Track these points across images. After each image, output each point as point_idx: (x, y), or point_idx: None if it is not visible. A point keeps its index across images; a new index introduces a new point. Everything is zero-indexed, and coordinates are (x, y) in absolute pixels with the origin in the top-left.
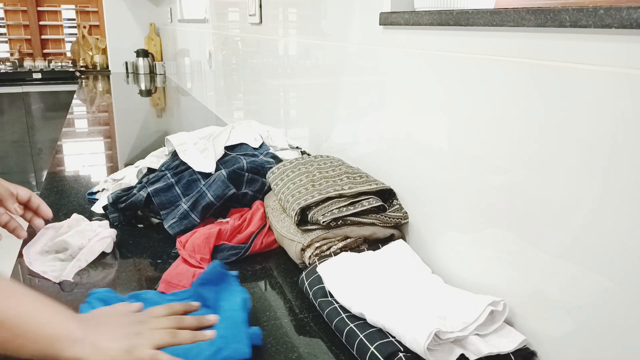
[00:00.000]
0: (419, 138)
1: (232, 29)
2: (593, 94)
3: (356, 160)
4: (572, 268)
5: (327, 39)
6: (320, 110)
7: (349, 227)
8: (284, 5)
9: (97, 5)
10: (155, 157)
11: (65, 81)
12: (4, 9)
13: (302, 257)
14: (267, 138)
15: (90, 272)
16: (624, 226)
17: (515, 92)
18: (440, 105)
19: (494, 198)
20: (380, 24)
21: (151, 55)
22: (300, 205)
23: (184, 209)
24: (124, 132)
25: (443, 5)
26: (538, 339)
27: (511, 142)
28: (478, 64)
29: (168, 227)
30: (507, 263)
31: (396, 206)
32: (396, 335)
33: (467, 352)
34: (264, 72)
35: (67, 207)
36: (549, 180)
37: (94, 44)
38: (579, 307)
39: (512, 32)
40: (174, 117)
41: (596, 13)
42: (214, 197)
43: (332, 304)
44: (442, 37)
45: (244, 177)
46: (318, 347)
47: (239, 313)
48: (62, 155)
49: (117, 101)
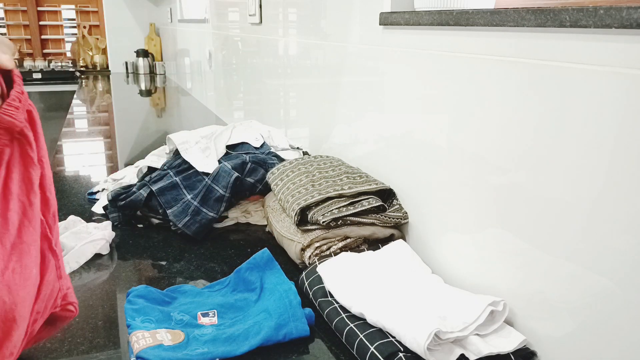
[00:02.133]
0: (419, 138)
1: (232, 29)
2: (593, 94)
3: (356, 160)
4: (572, 268)
5: (327, 39)
6: (320, 110)
7: (348, 227)
8: (284, 5)
9: (97, 5)
10: (155, 155)
11: (65, 81)
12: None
13: (302, 257)
14: (268, 138)
15: (88, 273)
16: (625, 226)
17: (515, 92)
18: (440, 105)
19: (493, 198)
20: (380, 24)
21: (151, 55)
22: (300, 205)
23: (195, 206)
24: (124, 132)
25: (443, 5)
26: (538, 339)
27: (511, 142)
28: (478, 64)
29: (183, 226)
30: (507, 263)
31: (396, 206)
32: (396, 335)
33: (467, 352)
34: (264, 72)
35: (67, 207)
36: (549, 180)
37: (94, 44)
38: (579, 307)
39: (512, 32)
40: (174, 117)
41: (596, 13)
42: (222, 188)
43: (332, 304)
44: (442, 37)
45: (246, 166)
46: (318, 347)
47: (293, 295)
48: (62, 155)
49: (117, 101)
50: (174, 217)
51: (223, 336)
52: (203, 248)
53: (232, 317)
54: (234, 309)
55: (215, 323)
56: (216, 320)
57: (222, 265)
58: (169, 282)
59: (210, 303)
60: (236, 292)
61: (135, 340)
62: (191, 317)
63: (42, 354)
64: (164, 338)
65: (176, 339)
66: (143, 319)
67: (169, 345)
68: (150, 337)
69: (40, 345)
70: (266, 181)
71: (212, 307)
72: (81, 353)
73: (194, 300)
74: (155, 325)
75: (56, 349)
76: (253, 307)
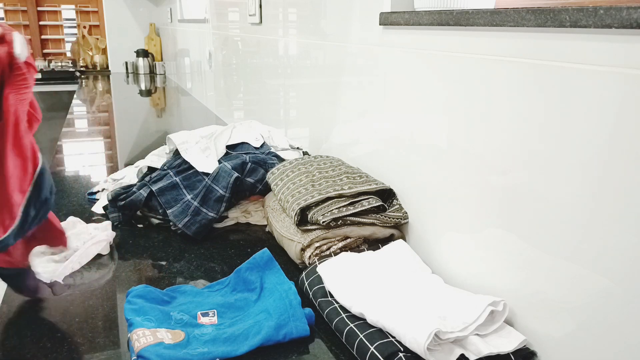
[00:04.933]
0: (419, 138)
1: (232, 29)
2: (593, 93)
3: (356, 160)
4: (572, 268)
5: (327, 39)
6: (320, 110)
7: (348, 227)
8: (284, 5)
9: (97, 5)
10: (155, 155)
11: (65, 81)
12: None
13: (302, 257)
14: (268, 138)
15: (88, 273)
16: (625, 226)
17: (515, 92)
18: (441, 105)
19: (494, 198)
20: (380, 24)
21: (151, 55)
22: (300, 205)
23: (195, 206)
24: (124, 132)
25: (443, 5)
26: (538, 339)
27: (511, 142)
28: (478, 64)
29: (183, 226)
30: (507, 263)
31: (396, 206)
32: (396, 335)
33: (467, 352)
34: (264, 72)
35: (67, 207)
36: (549, 180)
37: (94, 44)
38: (579, 307)
39: (512, 32)
40: (174, 117)
41: (596, 13)
42: (222, 188)
43: (332, 304)
44: (442, 37)
45: (246, 166)
46: (318, 347)
47: (293, 295)
48: (62, 155)
49: (117, 101)
50: (174, 217)
51: (223, 336)
52: (203, 248)
53: (232, 317)
54: (233, 308)
55: (215, 323)
56: (216, 320)
57: (222, 265)
58: (169, 282)
59: (210, 303)
60: (236, 292)
61: (136, 339)
62: (191, 316)
63: (42, 354)
64: (165, 337)
65: (176, 338)
66: (143, 318)
67: (169, 343)
68: (150, 335)
69: (40, 345)
70: (266, 181)
71: (212, 306)
72: (81, 353)
73: (194, 300)
74: (155, 324)
75: (56, 349)
76: (253, 307)
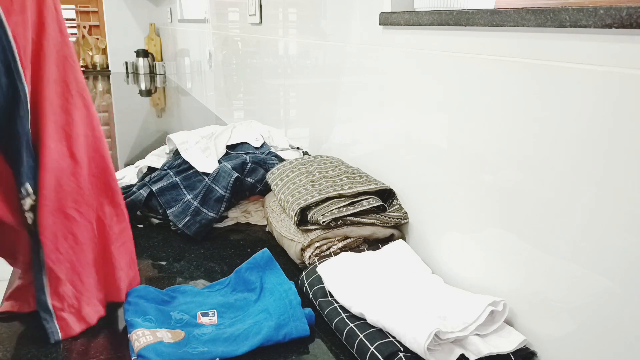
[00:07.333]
0: (418, 138)
1: (232, 29)
2: (593, 94)
3: (356, 160)
4: (572, 268)
5: (327, 39)
6: (320, 110)
7: (348, 227)
8: (284, 5)
9: (97, 5)
10: (155, 155)
11: None
12: None
13: (302, 257)
14: (268, 138)
15: None
16: (625, 226)
17: (515, 92)
18: (440, 105)
19: (493, 198)
20: (380, 24)
21: (151, 55)
22: (300, 205)
23: (195, 206)
24: (124, 132)
25: (443, 5)
26: (538, 339)
27: (511, 142)
28: (478, 64)
29: (183, 226)
30: (507, 263)
31: (396, 206)
32: (396, 335)
33: (467, 352)
34: (264, 72)
35: None
36: (548, 180)
37: (94, 44)
38: (579, 307)
39: (512, 32)
40: (174, 117)
41: (596, 13)
42: (222, 188)
43: (332, 304)
44: (442, 37)
45: (246, 166)
46: (318, 347)
47: (293, 295)
48: None
49: (117, 101)
50: (174, 218)
51: (223, 336)
52: (203, 248)
53: (232, 317)
54: (233, 308)
55: (215, 323)
56: (216, 320)
57: (222, 265)
58: (169, 282)
59: (210, 303)
60: (236, 292)
61: (136, 339)
62: (191, 316)
63: (42, 354)
64: (164, 336)
65: (176, 338)
66: (143, 318)
67: (169, 342)
68: (150, 335)
69: (40, 345)
70: (266, 181)
71: (212, 306)
72: (81, 353)
73: (194, 300)
74: (155, 324)
75: (56, 349)
76: (253, 307)
